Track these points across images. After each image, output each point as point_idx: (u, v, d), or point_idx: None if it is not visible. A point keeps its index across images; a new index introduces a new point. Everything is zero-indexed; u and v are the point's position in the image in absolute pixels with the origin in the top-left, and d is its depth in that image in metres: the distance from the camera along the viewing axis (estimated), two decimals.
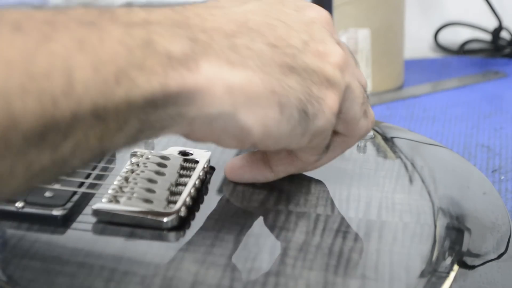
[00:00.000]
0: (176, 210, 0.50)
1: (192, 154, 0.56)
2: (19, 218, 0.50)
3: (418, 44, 1.11)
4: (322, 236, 0.49)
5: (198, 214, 0.51)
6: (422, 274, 0.46)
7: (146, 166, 0.54)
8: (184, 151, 0.56)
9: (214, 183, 0.55)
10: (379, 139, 0.63)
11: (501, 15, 1.06)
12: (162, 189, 0.51)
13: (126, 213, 0.49)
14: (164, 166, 0.54)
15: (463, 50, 1.09)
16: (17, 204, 0.50)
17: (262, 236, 0.49)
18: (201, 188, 0.54)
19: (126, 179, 0.52)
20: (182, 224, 0.50)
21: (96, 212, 0.50)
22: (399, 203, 0.53)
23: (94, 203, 0.50)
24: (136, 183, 0.52)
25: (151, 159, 0.55)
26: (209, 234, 0.49)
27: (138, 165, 0.54)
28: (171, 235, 0.49)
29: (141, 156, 0.55)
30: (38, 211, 0.50)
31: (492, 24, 1.07)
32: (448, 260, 0.48)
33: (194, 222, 0.50)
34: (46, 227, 0.49)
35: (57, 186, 0.52)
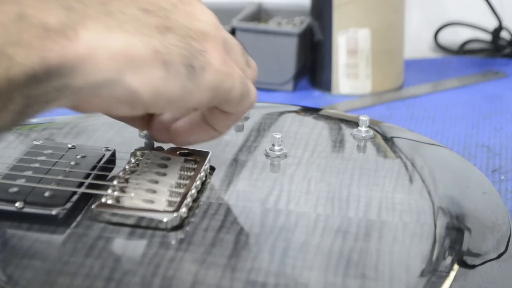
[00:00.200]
0: (176, 210, 0.50)
1: (192, 154, 0.56)
2: (19, 218, 0.50)
3: (418, 44, 1.11)
4: (322, 236, 0.49)
5: (198, 214, 0.51)
6: (422, 274, 0.47)
7: (147, 166, 0.54)
8: (184, 151, 0.56)
9: (214, 183, 0.55)
10: (379, 139, 0.63)
11: (501, 15, 1.06)
12: (163, 189, 0.51)
13: (126, 212, 0.49)
14: (165, 166, 0.54)
15: (463, 50, 1.09)
16: (17, 204, 0.50)
17: (262, 236, 0.49)
18: (201, 188, 0.54)
19: (126, 179, 0.53)
20: (182, 224, 0.50)
21: (96, 212, 0.50)
22: (399, 203, 0.53)
23: (94, 203, 0.50)
24: (136, 183, 0.52)
25: (152, 159, 0.55)
26: (209, 234, 0.49)
27: (138, 165, 0.54)
28: (171, 235, 0.49)
29: (141, 156, 0.55)
30: (38, 211, 0.50)
31: (492, 24, 1.07)
32: (448, 259, 0.48)
33: (194, 222, 0.50)
34: (46, 227, 0.49)
35: (57, 186, 0.52)
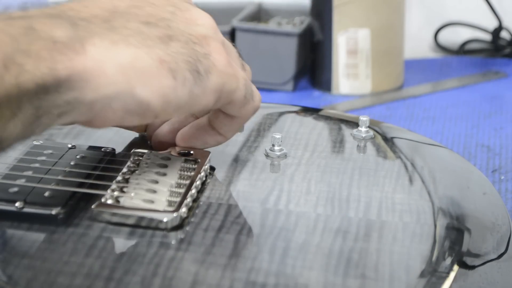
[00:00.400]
0: (176, 210, 0.50)
1: (192, 154, 0.56)
2: (19, 218, 0.50)
3: (418, 44, 1.11)
4: (322, 236, 0.49)
5: (198, 214, 0.51)
6: (422, 274, 0.47)
7: (147, 166, 0.54)
8: (184, 151, 0.56)
9: (214, 183, 0.55)
10: (379, 139, 0.63)
11: (501, 15, 1.06)
12: (163, 189, 0.51)
13: (126, 212, 0.49)
14: (165, 166, 0.54)
15: (463, 50, 1.09)
16: (17, 204, 0.50)
17: (262, 236, 0.49)
18: (201, 188, 0.54)
19: (126, 179, 0.53)
20: (182, 224, 0.50)
21: (96, 212, 0.50)
22: (399, 203, 0.53)
23: (94, 203, 0.50)
24: (136, 183, 0.52)
25: (152, 159, 0.55)
26: (209, 234, 0.49)
27: (138, 165, 0.54)
28: (171, 235, 0.49)
29: (141, 156, 0.55)
30: (38, 211, 0.50)
31: (492, 24, 1.07)
32: (448, 260, 0.48)
33: (194, 222, 0.50)
34: (46, 227, 0.49)
35: (57, 186, 0.52)
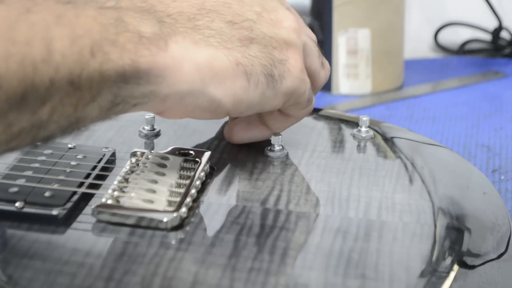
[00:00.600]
0: (176, 210, 0.50)
1: (192, 154, 0.56)
2: (19, 218, 0.50)
3: (418, 44, 1.11)
4: (322, 236, 0.49)
5: (198, 214, 0.51)
6: (422, 274, 0.47)
7: (146, 166, 0.54)
8: (184, 151, 0.56)
9: (214, 183, 0.55)
10: (379, 139, 0.63)
11: (501, 15, 1.06)
12: (162, 189, 0.51)
13: (126, 212, 0.49)
14: (164, 166, 0.54)
15: (463, 50, 1.09)
16: (17, 204, 0.50)
17: (262, 236, 0.49)
18: (201, 188, 0.54)
19: (126, 179, 0.53)
20: (182, 224, 0.50)
21: (96, 212, 0.50)
22: (399, 203, 0.53)
23: (94, 203, 0.50)
24: (136, 183, 0.52)
25: (151, 159, 0.55)
26: (209, 234, 0.49)
27: (138, 165, 0.54)
28: (171, 235, 0.49)
29: (141, 156, 0.55)
30: (38, 211, 0.50)
31: (492, 24, 1.07)
32: (448, 260, 0.48)
33: (194, 222, 0.50)
34: (46, 227, 0.49)
35: (57, 186, 0.52)
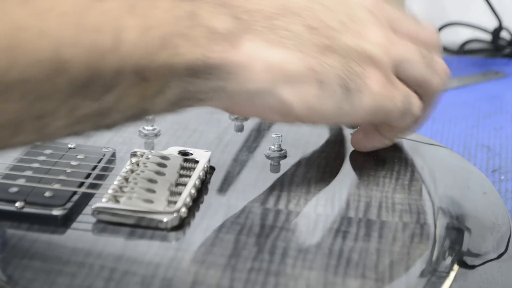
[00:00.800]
0: (176, 210, 0.50)
1: (192, 154, 0.56)
2: (19, 218, 0.50)
3: None
4: (322, 236, 0.49)
5: (198, 214, 0.51)
6: (422, 274, 0.46)
7: (146, 166, 0.54)
8: (184, 151, 0.56)
9: (214, 183, 0.55)
10: None
11: (501, 15, 1.06)
12: (162, 189, 0.51)
13: (126, 213, 0.49)
14: (164, 166, 0.54)
15: (463, 50, 1.09)
16: (17, 204, 0.50)
17: (262, 236, 0.49)
18: (201, 188, 0.54)
19: (126, 179, 0.52)
20: (182, 224, 0.50)
21: (96, 212, 0.50)
22: (399, 203, 0.53)
23: (94, 203, 0.50)
24: (136, 183, 0.52)
25: (151, 159, 0.55)
26: (209, 234, 0.49)
27: (138, 165, 0.54)
28: (171, 235, 0.49)
29: (141, 156, 0.55)
30: (38, 211, 0.50)
31: (492, 24, 1.07)
32: (448, 260, 0.48)
33: (194, 222, 0.50)
34: (46, 227, 0.49)
35: (57, 186, 0.52)
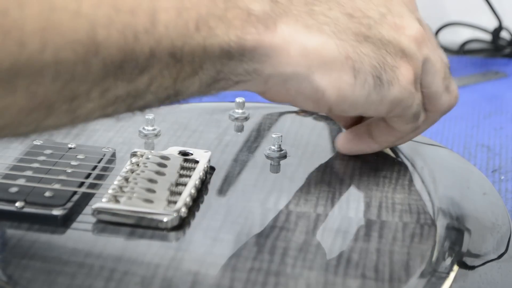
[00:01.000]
0: (176, 210, 0.50)
1: (192, 154, 0.56)
2: (19, 218, 0.50)
3: None
4: (322, 236, 0.49)
5: (198, 214, 0.51)
6: (422, 275, 0.46)
7: (146, 166, 0.54)
8: (184, 151, 0.56)
9: (214, 183, 0.55)
10: None
11: (501, 15, 1.06)
12: (162, 189, 0.51)
13: (126, 213, 0.49)
14: (164, 166, 0.54)
15: (463, 50, 1.09)
16: (17, 204, 0.50)
17: (262, 236, 0.49)
18: (201, 188, 0.54)
19: (126, 179, 0.52)
20: (182, 224, 0.50)
21: (96, 212, 0.50)
22: (399, 203, 0.53)
23: (94, 203, 0.50)
24: (136, 183, 0.52)
25: (151, 159, 0.55)
26: (209, 234, 0.49)
27: (138, 165, 0.54)
28: (171, 235, 0.49)
29: (141, 156, 0.55)
30: (38, 211, 0.50)
31: (492, 24, 1.07)
32: (448, 260, 0.48)
33: (194, 222, 0.50)
34: (46, 227, 0.49)
35: (57, 186, 0.52)
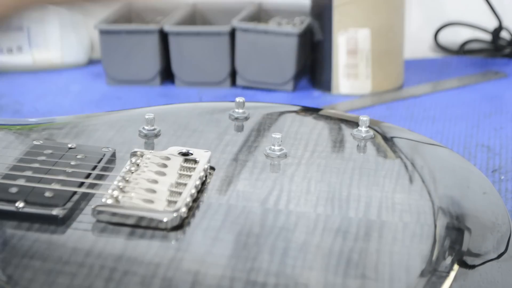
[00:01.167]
0: (176, 210, 0.50)
1: (192, 154, 0.56)
2: (19, 218, 0.50)
3: (418, 44, 1.11)
4: (322, 236, 0.49)
5: (198, 213, 0.51)
6: (422, 274, 0.47)
7: (147, 166, 0.54)
8: (184, 151, 0.56)
9: (214, 183, 0.55)
10: (379, 139, 0.63)
11: (501, 15, 1.06)
12: (162, 189, 0.51)
13: (126, 212, 0.49)
14: (164, 166, 0.54)
15: (463, 50, 1.09)
16: (17, 204, 0.50)
17: (262, 236, 0.49)
18: (201, 188, 0.54)
19: (126, 179, 0.53)
20: (182, 223, 0.50)
21: (96, 212, 0.50)
22: (399, 203, 0.53)
23: (94, 203, 0.50)
24: (136, 183, 0.52)
25: (151, 159, 0.55)
26: (209, 234, 0.49)
27: (138, 165, 0.54)
28: (171, 235, 0.49)
29: (141, 156, 0.55)
30: (38, 211, 0.50)
31: (492, 24, 1.07)
32: (448, 259, 0.48)
33: (194, 222, 0.50)
34: (46, 227, 0.49)
35: (57, 186, 0.52)
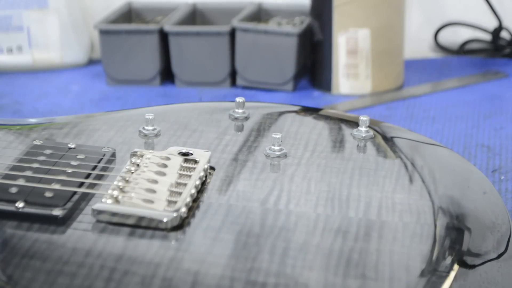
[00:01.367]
0: (176, 210, 0.50)
1: (192, 154, 0.56)
2: (19, 218, 0.50)
3: (418, 44, 1.11)
4: (322, 236, 0.49)
5: (198, 213, 0.51)
6: (422, 274, 0.47)
7: (147, 166, 0.54)
8: (184, 151, 0.56)
9: (214, 183, 0.55)
10: (379, 139, 0.63)
11: (501, 15, 1.06)
12: (162, 189, 0.51)
13: (126, 212, 0.49)
14: (165, 166, 0.54)
15: (463, 50, 1.09)
16: (17, 204, 0.50)
17: (262, 236, 0.49)
18: (201, 188, 0.54)
19: (126, 179, 0.53)
20: (182, 224, 0.50)
21: (96, 212, 0.50)
22: (399, 203, 0.53)
23: (94, 203, 0.50)
24: (136, 183, 0.52)
25: (152, 159, 0.55)
26: (209, 234, 0.49)
27: (138, 165, 0.54)
28: (171, 235, 0.49)
29: (141, 156, 0.55)
30: (38, 211, 0.50)
31: (492, 24, 1.07)
32: (448, 259, 0.48)
33: (194, 222, 0.50)
34: (46, 227, 0.49)
35: (57, 186, 0.52)
